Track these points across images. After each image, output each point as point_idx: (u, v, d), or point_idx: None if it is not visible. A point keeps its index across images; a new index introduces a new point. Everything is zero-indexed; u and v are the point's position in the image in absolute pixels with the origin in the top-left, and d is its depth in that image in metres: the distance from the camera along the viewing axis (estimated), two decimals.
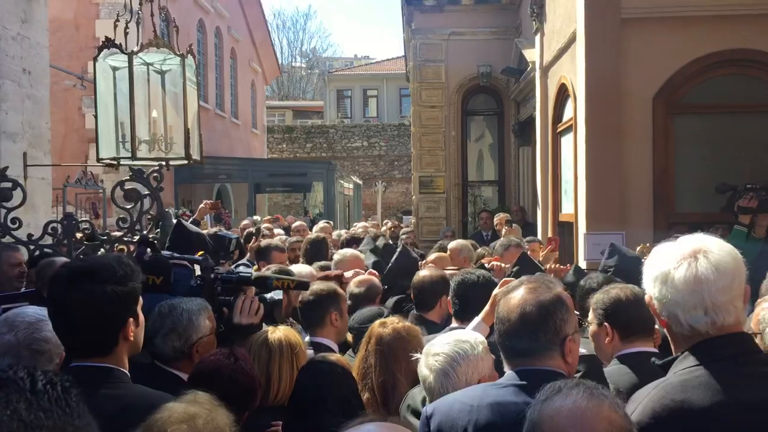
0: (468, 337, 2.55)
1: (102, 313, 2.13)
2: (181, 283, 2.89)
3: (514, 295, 2.14)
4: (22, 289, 5.03)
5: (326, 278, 5.25)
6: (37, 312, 2.74)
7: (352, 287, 4.58)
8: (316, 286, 3.78)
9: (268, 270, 4.12)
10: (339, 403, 2.72)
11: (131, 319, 2.21)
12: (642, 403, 1.82)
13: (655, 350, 3.08)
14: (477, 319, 3.00)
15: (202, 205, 7.48)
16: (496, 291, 2.98)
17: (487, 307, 2.99)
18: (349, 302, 4.51)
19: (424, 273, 4.40)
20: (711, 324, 1.85)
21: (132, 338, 2.22)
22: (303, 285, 3.15)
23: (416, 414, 2.58)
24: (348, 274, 5.08)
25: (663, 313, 1.92)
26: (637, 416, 1.78)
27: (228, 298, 2.97)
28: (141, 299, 2.29)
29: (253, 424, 2.62)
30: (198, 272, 3.01)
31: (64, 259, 4.81)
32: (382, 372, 3.08)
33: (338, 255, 5.91)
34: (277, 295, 3.11)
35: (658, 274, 1.91)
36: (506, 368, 2.15)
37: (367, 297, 4.73)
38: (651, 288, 1.94)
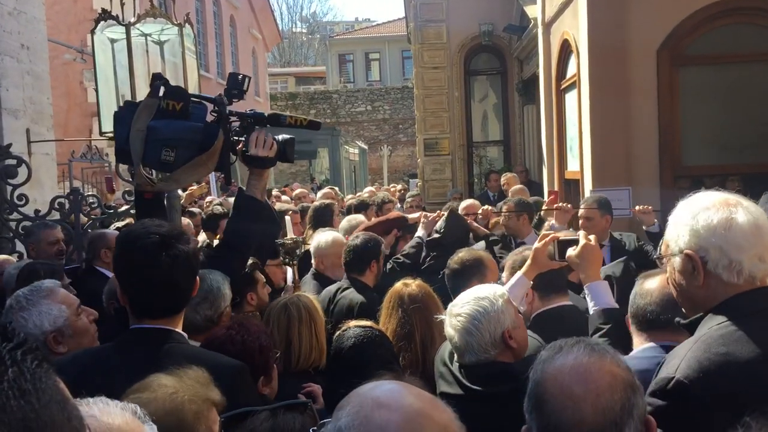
0: (487, 292, 2.57)
1: (189, 272, 2.29)
2: (197, 116, 2.92)
3: (653, 280, 2.37)
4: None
5: (387, 221, 5.33)
6: (19, 296, 2.72)
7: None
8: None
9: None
10: (380, 364, 2.77)
11: (198, 279, 2.38)
12: (685, 357, 1.79)
13: (570, 303, 3.26)
14: (519, 274, 3.02)
15: (188, 192, 7.38)
16: (536, 245, 2.99)
17: (528, 261, 3.01)
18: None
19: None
20: (764, 272, 1.83)
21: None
22: (315, 124, 3.17)
23: (444, 365, 2.68)
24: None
25: (722, 262, 1.83)
26: (684, 371, 1.76)
27: (240, 138, 2.99)
28: None
29: (279, 389, 2.66)
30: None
31: (116, 232, 4.90)
32: (423, 328, 3.14)
33: (348, 221, 5.93)
34: (287, 135, 3.13)
35: (718, 222, 1.82)
36: (638, 340, 2.38)
37: None
38: (705, 238, 1.85)
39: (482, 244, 5.38)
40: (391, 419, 1.08)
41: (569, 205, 5.77)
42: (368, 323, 3.19)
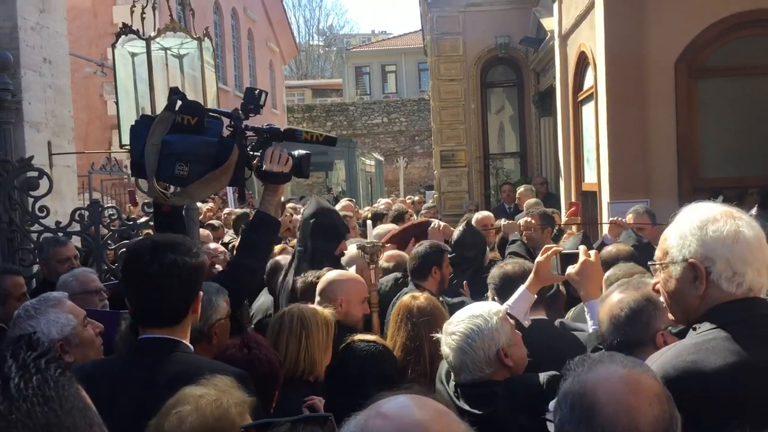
0: (482, 310, 2.56)
1: (181, 282, 2.26)
2: (212, 130, 2.93)
3: (608, 300, 2.32)
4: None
5: (412, 226, 5.35)
6: (28, 306, 2.74)
7: (382, 262, 4.63)
8: None
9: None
10: (381, 379, 2.76)
11: (201, 293, 2.35)
12: (655, 363, 1.80)
13: (545, 317, 3.26)
14: (522, 288, 3.02)
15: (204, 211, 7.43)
16: (539, 259, 2.99)
17: (531, 276, 3.00)
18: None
19: (611, 247, 4.27)
20: (759, 285, 1.84)
21: (197, 312, 2.35)
22: (331, 140, 3.18)
23: (441, 383, 2.68)
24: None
25: (725, 273, 1.84)
26: None
27: (256, 153, 3.00)
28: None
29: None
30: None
31: None
32: (431, 342, 3.12)
33: (380, 229, 5.94)
34: (303, 150, 3.13)
35: (727, 234, 1.83)
36: None
37: (395, 272, 4.78)
38: (714, 249, 1.85)
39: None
40: (383, 428, 1.07)
41: (622, 219, 5.71)
42: (374, 338, 3.18)
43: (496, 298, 3.31)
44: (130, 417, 1.91)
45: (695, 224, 1.88)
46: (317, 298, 3.43)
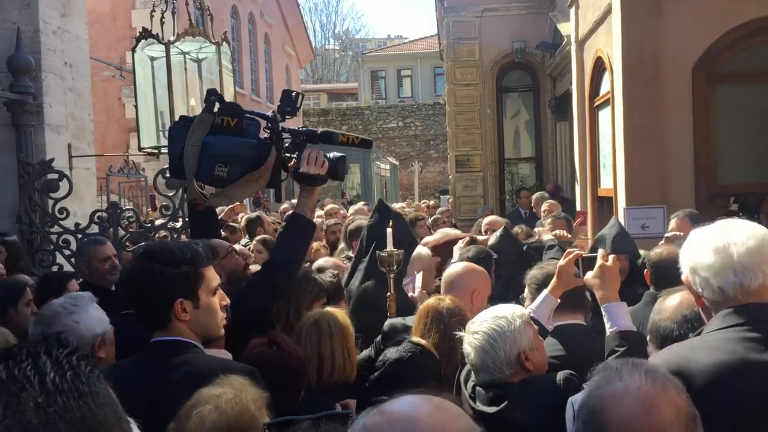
0: (506, 312, 2.57)
1: (149, 290, 2.29)
2: (250, 132, 2.97)
3: (674, 297, 2.41)
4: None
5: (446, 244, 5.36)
6: (63, 303, 2.78)
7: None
8: None
9: None
10: (417, 382, 2.76)
11: (182, 301, 2.29)
12: (656, 358, 1.88)
13: (583, 323, 3.26)
14: (545, 292, 3.02)
15: (229, 207, 7.44)
16: (561, 263, 2.99)
17: (554, 280, 3.01)
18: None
19: (661, 249, 4.15)
20: (740, 286, 1.87)
21: (187, 319, 2.31)
22: (367, 143, 3.20)
23: (459, 384, 2.71)
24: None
25: (696, 282, 1.96)
26: None
27: (292, 155, 3.03)
28: (206, 286, 2.37)
29: (312, 402, 2.67)
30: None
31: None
32: (460, 341, 3.14)
33: (440, 234, 5.92)
34: (338, 153, 3.16)
35: (691, 250, 1.99)
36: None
37: None
38: (685, 264, 2.01)
39: None
40: (378, 423, 1.09)
41: (681, 233, 5.62)
42: (418, 341, 3.16)
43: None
44: (142, 417, 1.95)
45: (682, 248, 2.07)
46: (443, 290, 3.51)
